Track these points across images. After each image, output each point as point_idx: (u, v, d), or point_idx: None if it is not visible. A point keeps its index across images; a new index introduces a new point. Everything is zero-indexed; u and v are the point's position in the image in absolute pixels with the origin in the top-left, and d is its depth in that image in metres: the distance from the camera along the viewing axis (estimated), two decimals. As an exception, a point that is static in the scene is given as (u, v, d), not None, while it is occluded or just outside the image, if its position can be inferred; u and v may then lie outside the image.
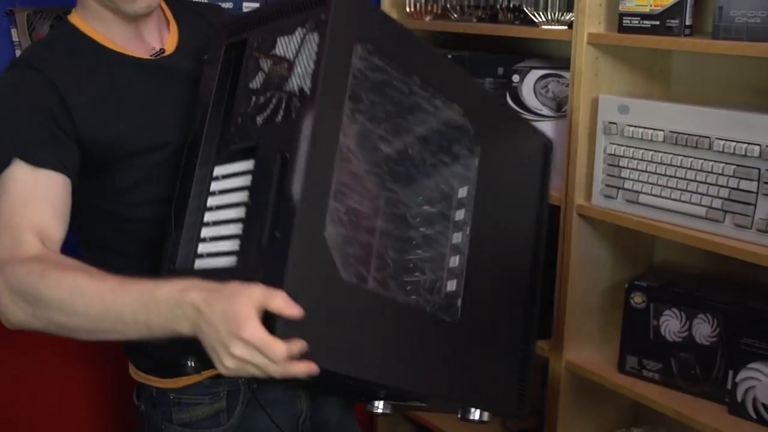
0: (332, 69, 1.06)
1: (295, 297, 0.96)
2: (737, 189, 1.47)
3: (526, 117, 1.82)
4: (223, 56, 1.22)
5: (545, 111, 1.81)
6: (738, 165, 1.47)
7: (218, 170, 1.19)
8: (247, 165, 1.12)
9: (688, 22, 1.56)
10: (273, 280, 0.97)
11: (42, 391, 1.87)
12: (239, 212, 1.11)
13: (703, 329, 1.63)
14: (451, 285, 1.23)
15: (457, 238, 1.23)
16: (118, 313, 1.01)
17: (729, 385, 1.60)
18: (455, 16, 2.05)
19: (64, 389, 1.91)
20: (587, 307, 1.83)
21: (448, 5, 2.04)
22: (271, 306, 0.95)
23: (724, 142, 1.48)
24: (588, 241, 1.78)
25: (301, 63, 1.09)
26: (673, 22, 1.56)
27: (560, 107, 1.80)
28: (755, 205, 1.45)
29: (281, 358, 0.94)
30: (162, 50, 1.33)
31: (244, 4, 2.02)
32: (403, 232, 1.20)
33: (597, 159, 1.69)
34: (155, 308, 1.00)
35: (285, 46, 1.12)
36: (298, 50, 1.09)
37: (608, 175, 1.67)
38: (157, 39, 1.34)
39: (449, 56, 2.05)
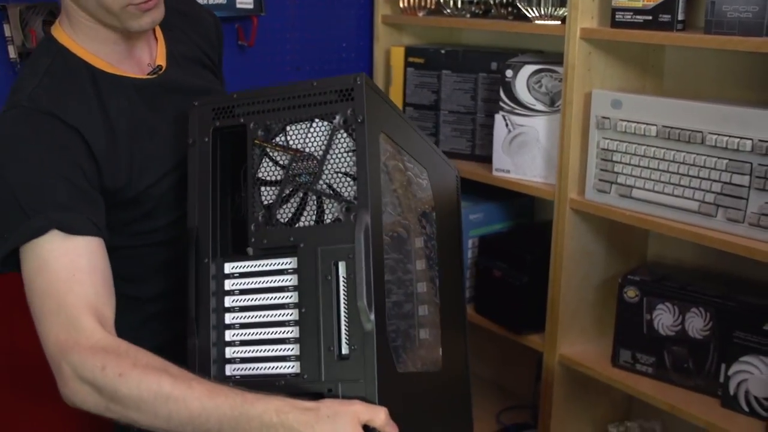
0: (374, 171, 1.06)
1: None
2: (729, 183, 1.48)
3: (520, 112, 1.83)
4: (211, 140, 1.16)
5: (538, 106, 1.82)
6: (730, 159, 1.48)
7: (230, 267, 1.13)
8: (274, 264, 1.10)
9: (680, 17, 1.56)
10: (355, 392, 1.02)
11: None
12: (273, 314, 1.10)
13: (696, 323, 1.64)
14: (424, 334, 1.25)
15: (421, 287, 1.25)
16: (203, 422, 1.00)
17: (722, 379, 1.61)
18: (449, 11, 2.05)
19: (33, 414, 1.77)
20: (581, 302, 1.84)
21: (442, 0, 2.04)
22: (375, 423, 1.00)
23: (716, 136, 1.49)
24: (581, 235, 1.79)
25: (334, 162, 1.07)
26: (666, 17, 1.56)
27: (553, 102, 1.80)
28: (747, 199, 1.46)
29: None
30: (159, 67, 1.28)
31: (238, 2, 2.02)
32: (412, 306, 1.21)
33: (590, 154, 1.69)
34: (245, 424, 0.99)
35: (301, 138, 1.10)
36: (327, 147, 1.07)
37: (601, 169, 1.67)
38: (147, 52, 1.28)
39: (443, 51, 2.06)
